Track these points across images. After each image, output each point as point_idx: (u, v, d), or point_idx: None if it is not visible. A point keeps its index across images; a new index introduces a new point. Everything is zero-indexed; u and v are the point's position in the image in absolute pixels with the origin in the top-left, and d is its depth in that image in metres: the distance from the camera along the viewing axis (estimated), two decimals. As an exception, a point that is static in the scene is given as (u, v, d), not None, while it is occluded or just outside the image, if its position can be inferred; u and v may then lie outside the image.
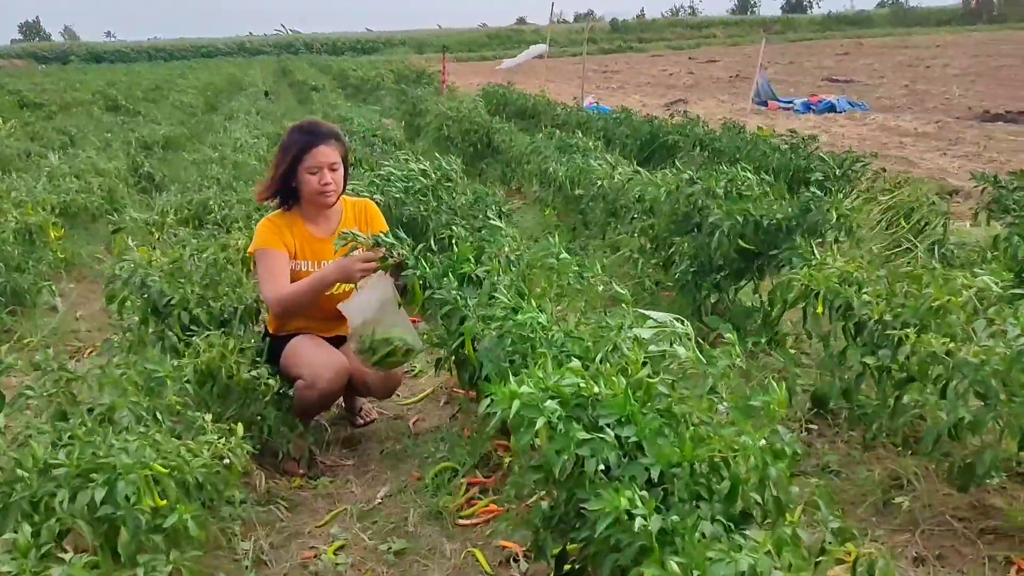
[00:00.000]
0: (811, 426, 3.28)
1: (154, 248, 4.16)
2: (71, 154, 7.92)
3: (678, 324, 2.44)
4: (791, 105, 15.16)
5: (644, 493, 1.80)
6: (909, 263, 4.16)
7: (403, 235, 3.11)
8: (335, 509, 3.00)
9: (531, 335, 2.47)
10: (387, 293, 2.99)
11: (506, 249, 3.24)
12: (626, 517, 1.75)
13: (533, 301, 2.81)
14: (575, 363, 2.08)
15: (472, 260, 3.14)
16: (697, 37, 50.47)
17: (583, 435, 1.94)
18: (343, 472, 3.28)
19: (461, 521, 2.83)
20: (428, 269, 2.96)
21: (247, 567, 2.59)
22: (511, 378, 2.08)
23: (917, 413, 2.66)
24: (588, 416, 1.97)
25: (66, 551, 1.81)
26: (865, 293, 3.05)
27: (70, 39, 75.20)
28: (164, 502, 1.97)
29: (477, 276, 3.02)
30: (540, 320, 2.51)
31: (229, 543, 2.66)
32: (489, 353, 2.53)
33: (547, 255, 2.97)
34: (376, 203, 4.81)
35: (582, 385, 2.00)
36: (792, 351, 3.63)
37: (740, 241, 3.74)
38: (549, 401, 1.99)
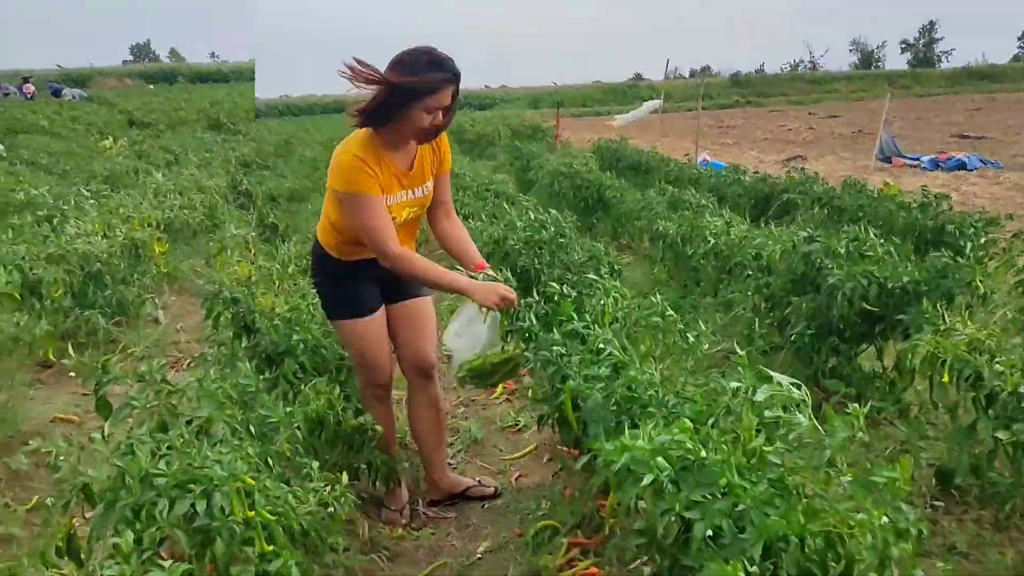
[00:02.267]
0: (936, 503, 3.07)
1: (253, 263, 4.33)
2: (175, 171, 8.35)
3: (795, 389, 2.34)
4: (918, 162, 14.59)
5: (754, 568, 1.72)
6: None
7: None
8: (435, 561, 3.00)
9: (639, 395, 2.41)
10: (495, 318, 2.99)
11: (611, 305, 3.21)
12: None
13: (637, 360, 2.76)
14: (686, 423, 2.01)
15: (574, 315, 3.12)
16: (818, 92, 49.42)
17: (696, 497, 1.88)
18: (444, 525, 3.28)
19: (560, 582, 2.77)
20: (535, 322, 2.96)
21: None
22: (623, 433, 2.03)
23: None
24: (695, 481, 1.90)
25: (163, 558, 1.87)
26: (998, 363, 2.86)
27: (176, 60, 79.46)
28: (271, 548, 2.01)
29: (579, 331, 3.00)
30: (650, 379, 2.45)
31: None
32: (594, 413, 2.48)
33: (652, 313, 2.92)
34: (496, 253, 4.89)
35: (690, 447, 1.94)
36: (918, 423, 3.42)
37: (863, 304, 3.58)
38: (659, 458, 1.93)
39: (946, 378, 2.91)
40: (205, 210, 7.02)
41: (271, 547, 2.00)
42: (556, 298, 3.31)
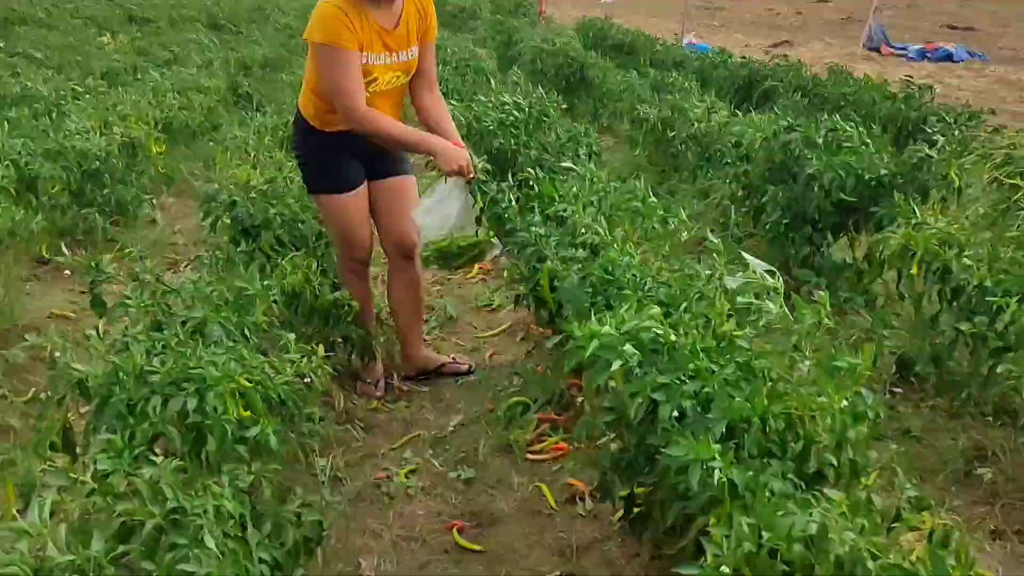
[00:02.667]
0: (896, 390, 3.19)
1: (254, 167, 4.27)
2: (175, 71, 8.10)
3: (769, 277, 2.38)
4: (905, 52, 14.37)
5: (717, 446, 1.79)
6: (1018, 228, 3.95)
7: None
8: (409, 434, 3.09)
9: (616, 277, 2.44)
10: (467, 200, 2.96)
11: (587, 189, 3.21)
12: (701, 468, 1.75)
13: (616, 244, 2.78)
14: (655, 309, 2.05)
15: (556, 196, 3.13)
16: (809, -26, 48.11)
17: (661, 380, 1.94)
18: (418, 399, 3.36)
19: (530, 456, 2.88)
20: (512, 204, 2.96)
21: (323, 483, 2.69)
22: (592, 318, 2.07)
23: (1011, 384, 2.54)
24: (664, 364, 1.95)
25: (156, 455, 1.91)
26: (966, 257, 2.92)
27: None
28: (248, 414, 2.06)
29: (560, 215, 3.01)
30: (628, 262, 2.48)
31: (307, 459, 2.75)
32: (570, 293, 2.52)
33: (632, 198, 2.93)
34: (472, 135, 4.81)
35: (660, 332, 1.98)
36: (884, 312, 3.51)
37: (840, 194, 3.60)
38: (627, 345, 1.98)
39: (915, 271, 2.97)
40: (204, 111, 6.80)
41: (248, 413, 2.04)
42: (531, 182, 3.30)
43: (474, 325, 3.97)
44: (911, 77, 6.08)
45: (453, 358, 3.52)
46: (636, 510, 2.15)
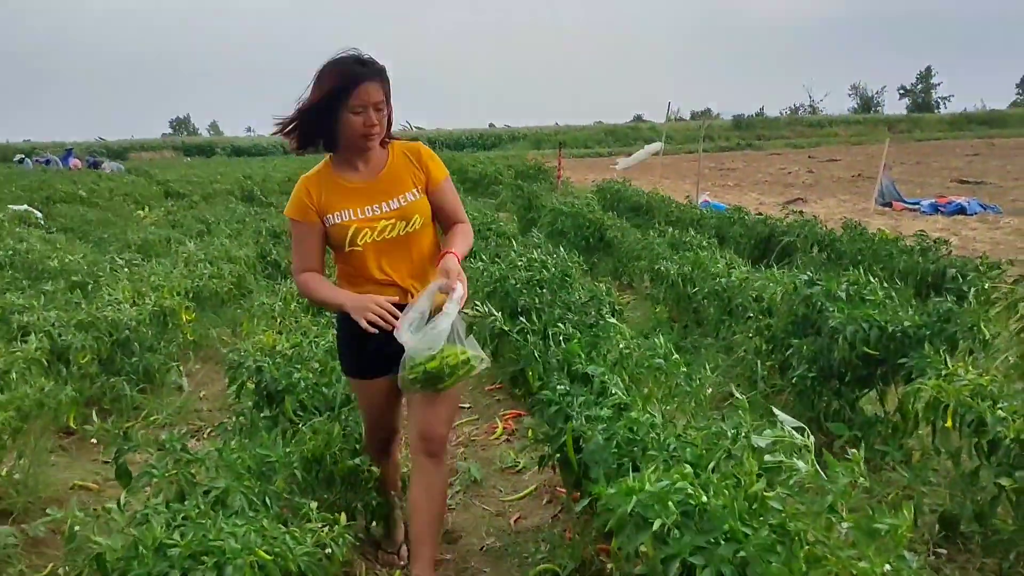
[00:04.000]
0: (939, 551, 3.04)
1: (280, 333, 4.34)
2: (207, 241, 8.39)
3: (797, 434, 2.33)
4: (917, 206, 14.65)
5: (755, 616, 1.70)
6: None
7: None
8: (433, 606, 2.95)
9: (640, 437, 2.40)
10: (459, 316, 2.66)
11: (620, 346, 3.22)
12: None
13: (639, 402, 2.75)
14: (687, 469, 2.00)
15: (583, 357, 3.13)
16: (818, 135, 49.87)
17: (699, 543, 1.86)
18: (442, 568, 3.24)
19: (560, 628, 2.74)
20: (540, 362, 2.95)
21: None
22: (620, 479, 2.02)
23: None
24: (697, 526, 1.88)
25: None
26: (1000, 409, 2.85)
27: (214, 134, 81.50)
28: (266, 588, 1.99)
29: (587, 374, 3.00)
30: (651, 422, 2.45)
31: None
32: (595, 455, 2.47)
33: (655, 355, 2.92)
34: (497, 293, 4.87)
35: (691, 492, 1.93)
36: (921, 467, 3.40)
37: (864, 347, 3.57)
38: (666, 504, 1.92)
39: (949, 423, 2.90)
40: (234, 279, 7.03)
41: (268, 589, 1.97)
42: (560, 338, 3.32)
43: (499, 488, 3.88)
44: (924, 231, 6.15)
45: None
46: None
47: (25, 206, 13.82)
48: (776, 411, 2.45)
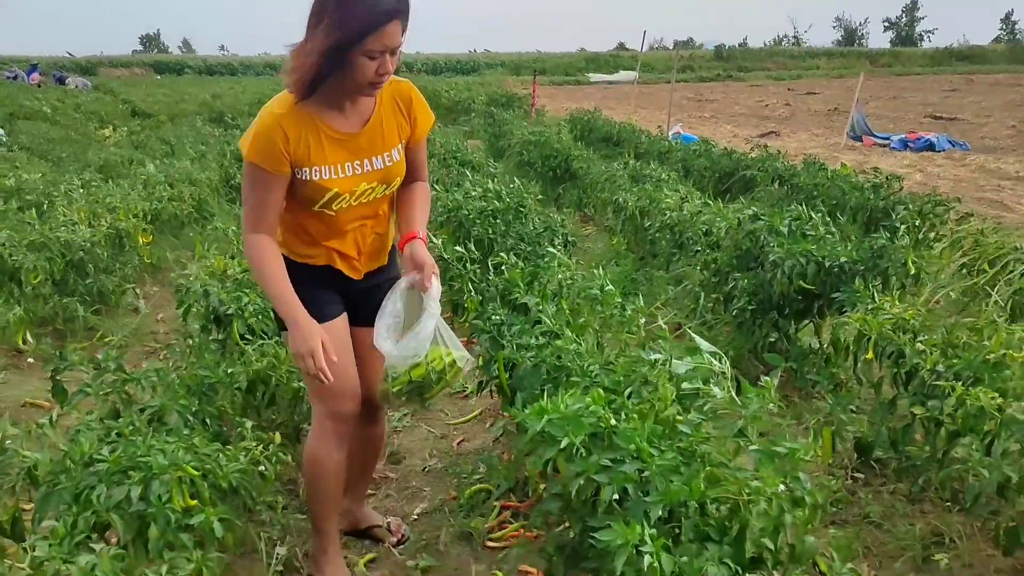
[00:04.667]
0: (857, 475, 3.19)
1: (232, 257, 4.36)
2: (168, 163, 8.31)
3: (716, 361, 2.43)
4: (888, 141, 14.72)
5: (653, 530, 1.81)
6: (980, 314, 4.02)
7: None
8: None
9: (566, 364, 2.49)
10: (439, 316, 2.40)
11: (559, 277, 3.29)
12: (634, 552, 1.76)
13: (575, 331, 2.83)
14: (598, 394, 2.09)
15: (522, 287, 3.20)
16: (800, 68, 49.48)
17: (605, 462, 1.96)
18: (385, 485, 3.35)
19: (490, 543, 2.87)
20: (477, 291, 3.02)
21: (279, 572, 2.67)
22: (542, 400, 2.11)
23: (964, 468, 2.56)
24: (605, 447, 1.98)
25: (103, 542, 1.92)
26: (920, 342, 2.97)
27: (186, 52, 79.55)
28: (195, 502, 2.07)
29: (525, 304, 3.07)
30: (577, 349, 2.53)
31: (266, 548, 2.74)
32: (523, 380, 2.56)
33: (591, 287, 2.99)
34: (451, 221, 4.89)
35: (602, 415, 2.02)
36: (845, 397, 3.53)
37: (800, 281, 3.67)
38: (572, 426, 2.01)
39: (870, 355, 3.02)
40: (194, 202, 6.97)
41: (195, 502, 2.06)
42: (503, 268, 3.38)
43: (445, 412, 3.99)
44: (878, 168, 6.23)
45: (389, 523, 2.98)
46: (582, 597, 2.14)
47: None
48: (696, 337, 2.54)
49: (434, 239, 3.25)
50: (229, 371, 2.90)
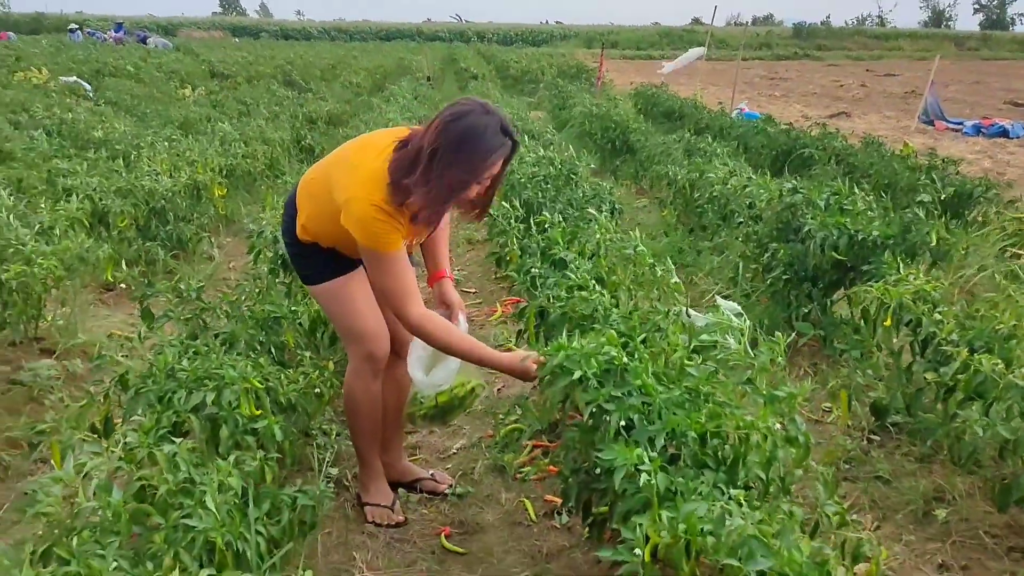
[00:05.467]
0: (873, 437, 3.36)
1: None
2: (244, 122, 8.73)
3: (735, 318, 2.63)
4: (960, 126, 14.42)
5: (654, 454, 2.05)
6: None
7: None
8: (417, 454, 3.38)
9: (589, 313, 2.73)
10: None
11: (597, 238, 3.52)
12: (633, 471, 2.00)
13: (607, 288, 3.07)
14: (612, 334, 2.32)
15: (562, 244, 3.44)
16: (881, 48, 48.03)
17: (615, 393, 2.20)
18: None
19: (520, 476, 3.14)
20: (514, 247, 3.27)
21: (328, 485, 2.98)
22: (561, 339, 2.37)
23: (962, 429, 2.73)
24: (615, 381, 2.22)
25: (182, 438, 2.25)
26: (938, 312, 3.12)
27: (264, 15, 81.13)
28: (259, 412, 2.38)
29: (563, 259, 3.32)
30: (601, 300, 2.77)
31: (319, 467, 3.05)
32: (552, 327, 2.81)
33: (624, 246, 3.22)
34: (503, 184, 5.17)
35: (615, 354, 2.26)
36: (867, 363, 3.69)
37: (833, 253, 3.83)
38: (587, 361, 2.26)
39: (888, 322, 3.19)
40: (267, 160, 7.35)
41: (259, 411, 2.37)
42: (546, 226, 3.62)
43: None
44: (934, 151, 6.26)
45: (432, 474, 3.15)
46: (594, 515, 2.39)
47: (75, 78, 14.25)
48: (719, 299, 2.76)
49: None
50: (293, 308, 3.21)
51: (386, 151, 2.41)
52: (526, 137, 6.86)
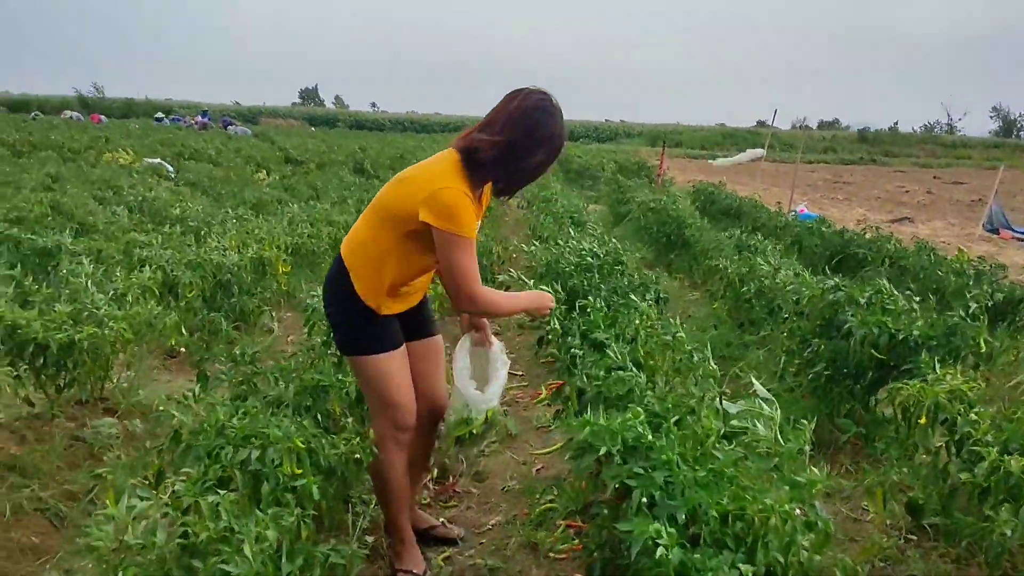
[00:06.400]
0: (911, 537, 3.33)
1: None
2: (312, 205, 9.13)
3: (765, 406, 2.70)
4: (1024, 235, 14.25)
5: (672, 530, 2.10)
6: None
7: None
8: (453, 527, 3.45)
9: (625, 393, 2.82)
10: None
11: (636, 323, 3.62)
12: (651, 544, 2.06)
13: (645, 372, 3.16)
14: (640, 413, 2.41)
15: (602, 327, 3.55)
16: (950, 156, 47.72)
17: (638, 469, 2.28)
18: (468, 499, 3.73)
19: (552, 554, 3.18)
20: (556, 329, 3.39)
21: (366, 554, 3.06)
22: (587, 416, 2.46)
23: (993, 531, 2.70)
24: (639, 457, 2.30)
25: (225, 491, 2.38)
26: (974, 412, 3.12)
27: (339, 107, 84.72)
28: (300, 471, 2.51)
29: (602, 342, 3.42)
30: (636, 381, 2.86)
31: (355, 532, 3.15)
32: (588, 406, 2.90)
33: (664, 333, 3.31)
34: (550, 272, 5.33)
35: (640, 431, 2.34)
36: (905, 462, 3.67)
37: (873, 351, 3.86)
38: (613, 437, 2.34)
39: (923, 420, 3.19)
40: (330, 240, 7.69)
41: (300, 470, 2.50)
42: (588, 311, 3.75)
43: (531, 443, 4.34)
44: (983, 257, 6.25)
45: (443, 522, 3.37)
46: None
47: (159, 160, 15.11)
48: (755, 383, 2.83)
49: (526, 280, 3.66)
50: (340, 378, 3.36)
51: (445, 159, 2.68)
52: (571, 229, 7.03)
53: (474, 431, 2.91)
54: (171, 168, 14.40)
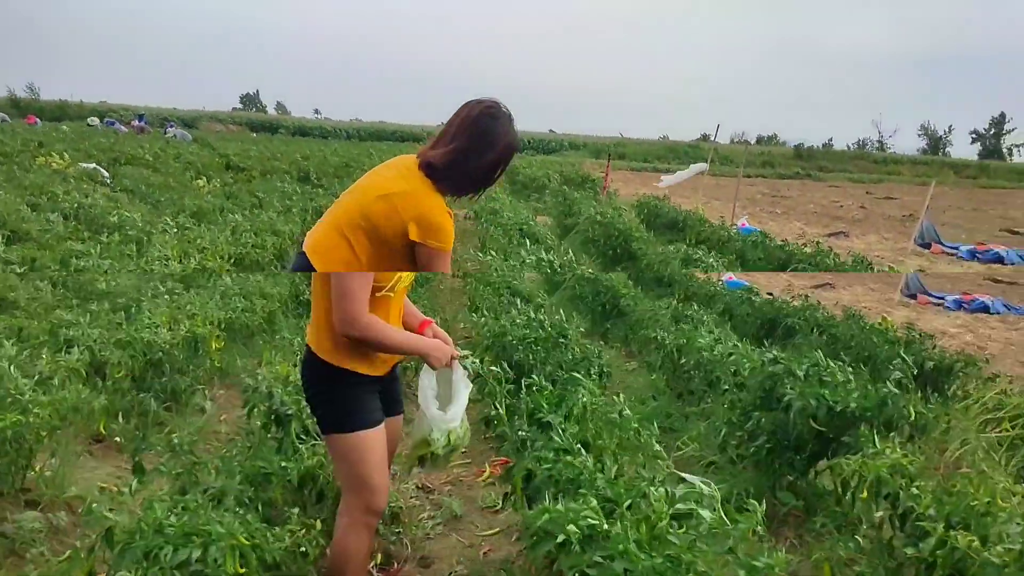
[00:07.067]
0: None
1: (295, 365, 4.80)
2: (256, 214, 8.97)
3: (706, 487, 2.70)
4: (955, 251, 14.86)
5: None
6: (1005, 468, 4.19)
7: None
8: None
9: (575, 477, 2.79)
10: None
11: (583, 401, 3.62)
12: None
13: (592, 452, 3.14)
14: (593, 502, 2.39)
15: (548, 407, 3.54)
16: (881, 172, 49.18)
17: (597, 559, 2.25)
18: (415, 587, 3.62)
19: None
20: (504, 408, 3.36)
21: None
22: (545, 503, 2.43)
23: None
24: (597, 546, 2.27)
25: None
26: (915, 486, 3.19)
27: (281, 113, 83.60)
28: (243, 569, 2.41)
29: (548, 423, 3.41)
30: (585, 464, 2.84)
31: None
32: (538, 490, 2.87)
33: (610, 411, 3.32)
34: (495, 346, 5.30)
35: (595, 520, 2.32)
36: (848, 537, 3.71)
37: (812, 423, 3.92)
38: (570, 526, 2.31)
39: (865, 495, 3.25)
40: (264, 315, 7.50)
41: (244, 569, 2.40)
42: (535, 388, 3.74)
43: (476, 524, 4.25)
44: (912, 325, 6.48)
45: None
46: None
47: (94, 165, 14.80)
48: (684, 475, 2.84)
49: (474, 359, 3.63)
50: (283, 464, 3.27)
51: (413, 175, 2.71)
52: (517, 300, 7.05)
53: (435, 452, 2.84)
54: (107, 174, 14.10)
